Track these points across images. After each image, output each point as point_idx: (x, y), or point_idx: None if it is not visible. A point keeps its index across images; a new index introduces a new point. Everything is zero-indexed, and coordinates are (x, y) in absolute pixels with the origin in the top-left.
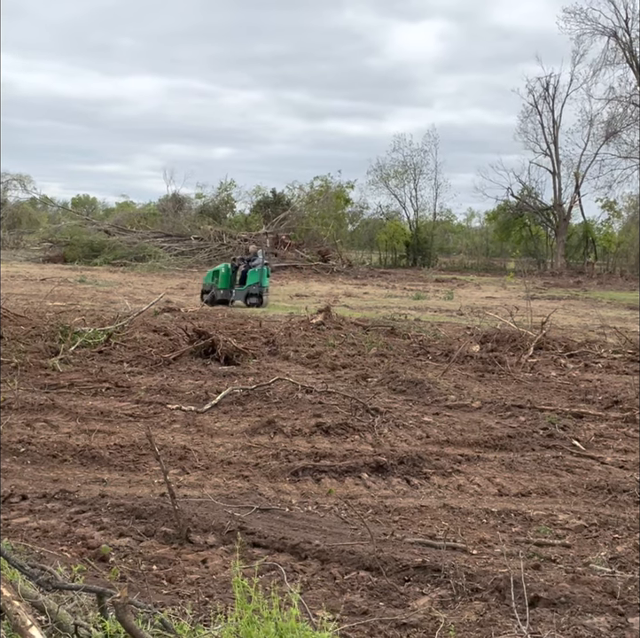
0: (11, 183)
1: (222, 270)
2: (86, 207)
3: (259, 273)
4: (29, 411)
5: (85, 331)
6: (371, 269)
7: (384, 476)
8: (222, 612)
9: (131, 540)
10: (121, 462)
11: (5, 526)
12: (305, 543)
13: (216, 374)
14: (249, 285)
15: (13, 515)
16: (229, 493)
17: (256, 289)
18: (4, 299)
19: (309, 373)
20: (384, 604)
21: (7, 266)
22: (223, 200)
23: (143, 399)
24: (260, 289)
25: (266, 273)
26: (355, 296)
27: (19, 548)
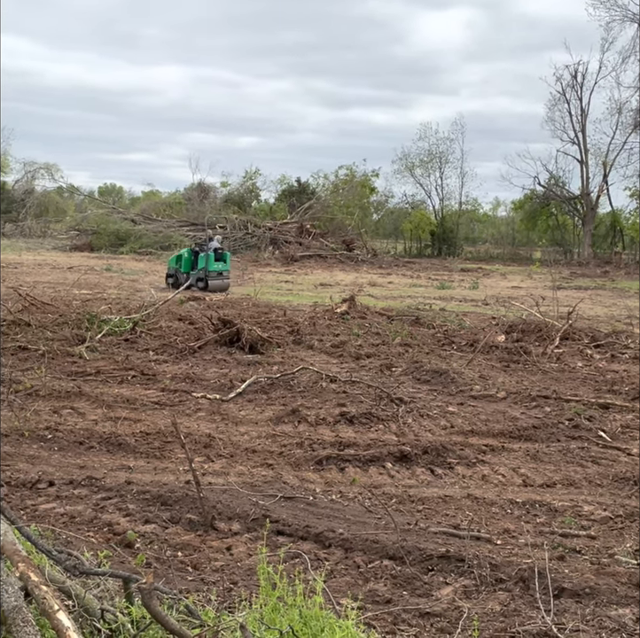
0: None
1: (184, 255)
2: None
3: (204, 258)
4: (56, 398)
5: (111, 320)
6: (396, 259)
7: (408, 465)
8: (247, 599)
9: (157, 526)
10: (147, 450)
11: (33, 512)
12: (329, 532)
13: (241, 363)
14: (198, 270)
15: (41, 500)
16: (253, 481)
17: (202, 273)
18: (32, 287)
19: (334, 362)
20: (407, 593)
21: (34, 254)
22: (248, 189)
23: (168, 387)
24: (206, 273)
25: (212, 258)
26: (379, 285)
27: (46, 533)
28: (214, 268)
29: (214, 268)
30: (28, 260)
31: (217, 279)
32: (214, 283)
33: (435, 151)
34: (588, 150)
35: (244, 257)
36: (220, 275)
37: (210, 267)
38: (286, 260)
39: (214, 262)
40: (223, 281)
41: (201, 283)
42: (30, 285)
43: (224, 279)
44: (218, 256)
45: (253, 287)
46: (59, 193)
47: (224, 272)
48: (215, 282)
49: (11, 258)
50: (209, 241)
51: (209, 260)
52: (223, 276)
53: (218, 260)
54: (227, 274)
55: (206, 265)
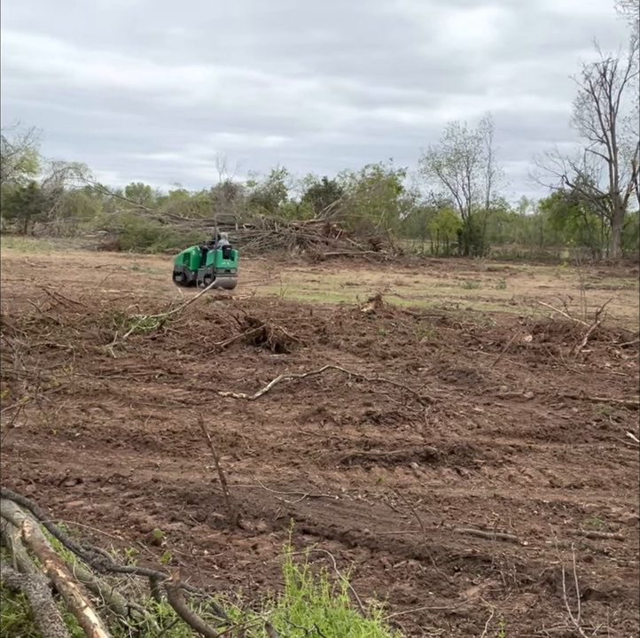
0: (68, 172)
1: (192, 253)
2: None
3: (213, 255)
4: (84, 396)
5: (139, 318)
6: (423, 258)
7: (434, 465)
8: (272, 598)
9: (183, 524)
10: (174, 448)
11: (61, 509)
12: (354, 531)
13: (267, 362)
14: (207, 266)
15: (68, 498)
16: (279, 480)
17: (210, 270)
18: (61, 286)
19: (360, 362)
20: (433, 594)
21: (63, 253)
22: (275, 188)
23: (195, 386)
24: (214, 270)
25: (221, 255)
26: (406, 285)
27: (74, 530)
28: (222, 265)
29: (222, 265)
30: (57, 260)
31: (225, 276)
32: (221, 279)
33: (462, 150)
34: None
35: (270, 256)
36: (227, 272)
37: (218, 264)
38: (313, 259)
39: (222, 259)
40: (231, 278)
41: (209, 279)
42: (59, 284)
43: (232, 276)
44: (226, 253)
45: (280, 286)
46: (88, 193)
47: (232, 269)
48: (223, 279)
49: (40, 257)
50: (217, 239)
51: (218, 258)
52: (231, 274)
53: (226, 258)
54: (234, 271)
55: (215, 262)
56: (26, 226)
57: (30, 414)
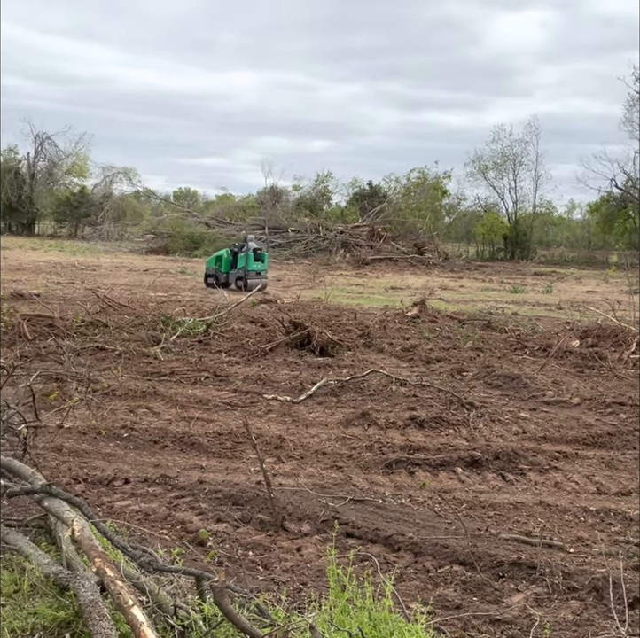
0: (117, 177)
1: (224, 255)
2: (187, 200)
3: (244, 257)
4: (132, 398)
5: (185, 321)
6: (468, 262)
7: (479, 471)
8: (316, 600)
9: (228, 525)
10: (219, 450)
11: (109, 508)
12: (398, 535)
13: (311, 365)
14: (238, 269)
15: (116, 498)
16: (323, 483)
17: (242, 272)
18: (110, 290)
19: (404, 366)
20: (477, 599)
21: (112, 257)
22: (320, 192)
23: (240, 388)
24: (245, 272)
25: (252, 258)
26: (450, 289)
27: (121, 529)
28: (253, 268)
29: (253, 267)
30: (106, 263)
31: (256, 278)
32: (252, 281)
33: (509, 153)
34: None
35: (315, 260)
36: (258, 274)
37: (249, 266)
38: (357, 263)
39: (253, 262)
40: (261, 280)
41: (240, 281)
42: (108, 287)
43: (262, 278)
44: (257, 256)
45: (324, 290)
46: (136, 197)
47: (262, 272)
48: (254, 281)
49: (89, 260)
50: (246, 242)
51: (249, 260)
52: (261, 276)
53: (257, 260)
54: (265, 273)
55: (246, 264)
56: (76, 230)
57: (80, 414)
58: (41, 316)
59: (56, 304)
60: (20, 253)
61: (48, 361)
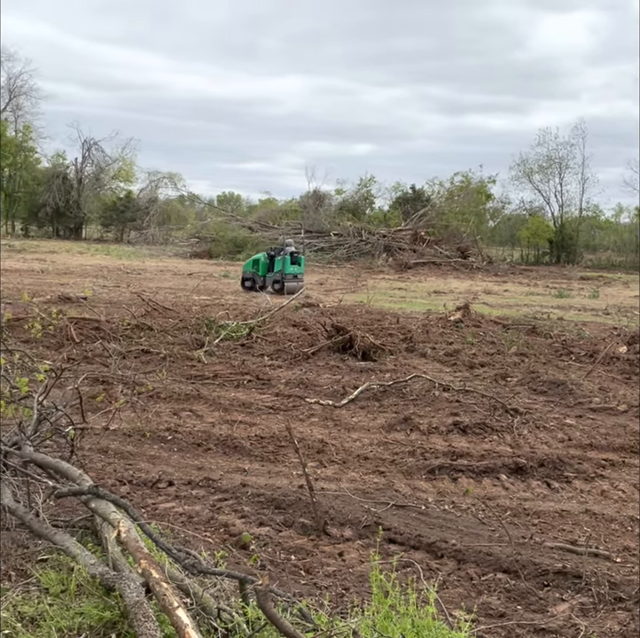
0: (163, 181)
1: (261, 259)
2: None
3: (281, 261)
4: (176, 400)
5: (229, 325)
6: (512, 266)
7: (523, 478)
8: (359, 605)
9: (270, 529)
10: (262, 453)
11: (153, 510)
12: (441, 542)
13: (353, 369)
14: (275, 272)
15: (161, 500)
16: (365, 487)
17: (279, 276)
18: (154, 293)
19: (447, 371)
20: (522, 608)
21: (157, 261)
22: (363, 196)
23: (282, 392)
24: (282, 276)
25: (289, 261)
26: (494, 293)
27: (165, 531)
28: (290, 271)
29: (290, 270)
30: (151, 267)
31: (292, 281)
32: (289, 285)
33: (555, 156)
34: None
35: (357, 264)
36: (295, 277)
37: (287, 270)
38: (400, 267)
39: (290, 265)
40: (298, 283)
41: (277, 285)
42: (153, 291)
43: (299, 281)
44: (294, 259)
45: (367, 294)
46: (181, 201)
47: (299, 275)
48: (291, 284)
49: (135, 264)
50: (284, 246)
51: (286, 264)
52: (298, 279)
53: (294, 264)
54: (301, 276)
55: (283, 268)
56: (122, 234)
57: (125, 417)
58: (88, 320)
59: (102, 307)
60: (68, 257)
61: (94, 364)
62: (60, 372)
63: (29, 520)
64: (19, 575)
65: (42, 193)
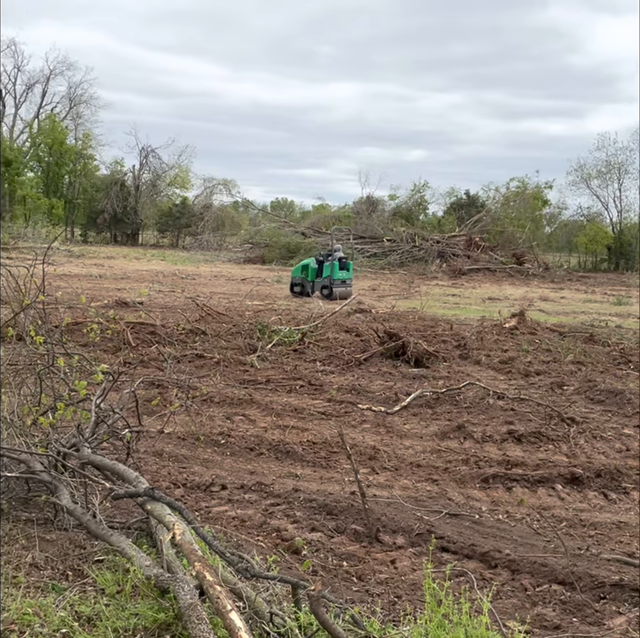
0: (217, 188)
1: (310, 264)
2: (284, 210)
3: (330, 266)
4: (229, 405)
5: (281, 330)
6: (569, 273)
7: (579, 488)
8: (411, 614)
9: (322, 535)
10: (313, 459)
11: (207, 514)
12: (495, 552)
13: (406, 376)
14: (323, 278)
15: (214, 503)
16: (417, 495)
17: (327, 281)
18: (208, 298)
19: (501, 378)
20: (577, 620)
21: (211, 266)
22: (416, 202)
23: (334, 397)
24: (331, 281)
25: (337, 266)
26: (551, 300)
27: (218, 535)
28: (339, 277)
29: (338, 276)
30: (205, 272)
31: (341, 287)
32: (338, 290)
33: (614, 161)
34: None
35: (411, 270)
36: (343, 283)
37: (335, 275)
38: (454, 273)
39: (338, 271)
40: (346, 289)
41: (326, 290)
42: (207, 296)
43: (347, 287)
44: (342, 265)
45: (420, 300)
46: (235, 208)
47: (347, 280)
48: (339, 289)
49: (189, 269)
50: (333, 251)
51: (334, 269)
52: (346, 284)
53: (342, 269)
54: (350, 282)
55: (332, 273)
56: (177, 239)
57: (179, 420)
58: (144, 324)
59: (158, 312)
60: (125, 263)
61: (150, 368)
62: (117, 376)
63: (86, 521)
64: (76, 575)
65: (100, 200)
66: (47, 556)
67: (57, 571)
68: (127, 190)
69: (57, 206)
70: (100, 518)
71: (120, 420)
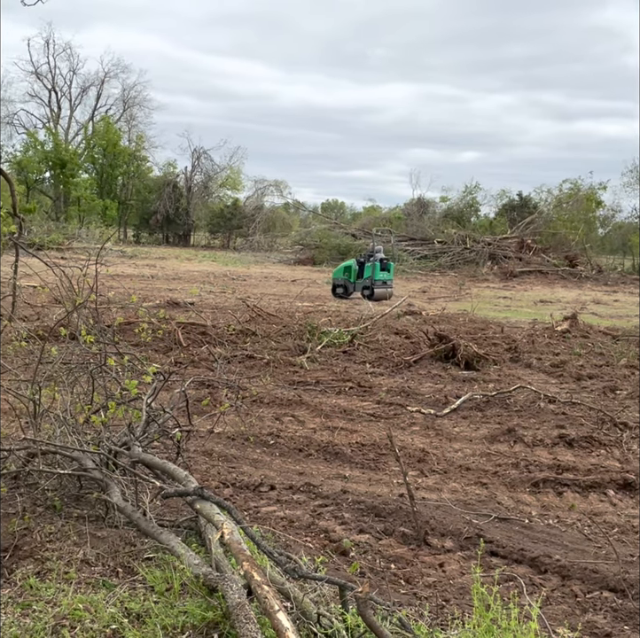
0: (269, 189)
1: (352, 265)
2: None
3: (371, 267)
4: (279, 406)
5: (331, 332)
6: (623, 276)
7: (632, 494)
8: (459, 618)
9: (370, 537)
10: (362, 460)
11: (255, 514)
12: (545, 557)
13: (456, 378)
14: (364, 279)
15: (262, 503)
16: (466, 499)
17: (368, 282)
18: (259, 299)
19: (553, 382)
20: (629, 628)
21: (262, 267)
22: (468, 204)
23: (384, 399)
24: (372, 282)
25: (379, 267)
26: (604, 303)
27: (267, 535)
28: (380, 278)
29: (379, 277)
30: (256, 273)
31: (382, 288)
32: (379, 291)
33: None
34: None
35: (461, 272)
36: (384, 284)
37: (376, 276)
38: (505, 275)
39: (379, 272)
40: (387, 289)
41: (367, 291)
42: (257, 297)
43: (388, 288)
44: (383, 266)
45: (471, 303)
46: (286, 209)
47: (388, 281)
48: (380, 290)
49: (240, 270)
50: (374, 252)
51: (375, 270)
52: (387, 285)
53: (383, 270)
54: (390, 283)
55: (373, 274)
56: (228, 241)
57: (229, 420)
58: (194, 324)
59: (208, 312)
60: (176, 263)
61: (200, 368)
62: (168, 375)
63: (137, 519)
64: (126, 572)
65: (153, 201)
66: (98, 552)
67: (107, 568)
68: (179, 192)
69: (110, 207)
70: (150, 516)
71: (170, 419)
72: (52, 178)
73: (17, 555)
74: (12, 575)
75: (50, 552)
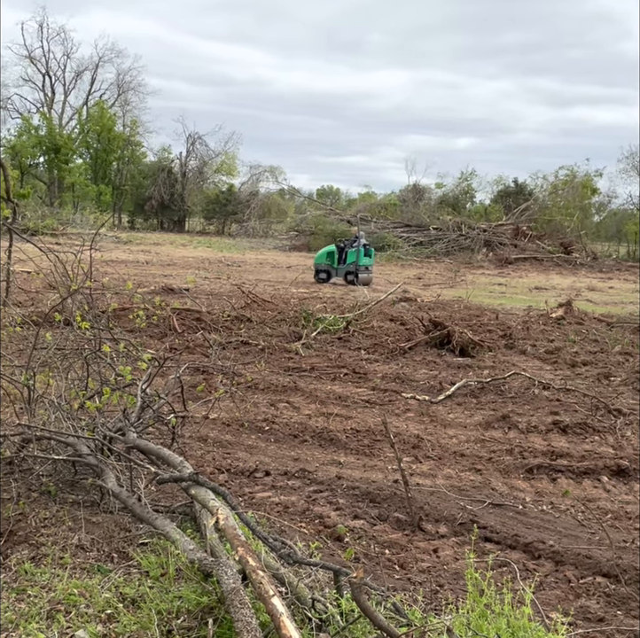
0: (264, 175)
1: (335, 251)
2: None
3: (355, 253)
4: (274, 392)
5: (326, 318)
6: (618, 263)
7: (625, 480)
8: (453, 603)
9: (365, 522)
10: (357, 447)
11: (250, 499)
12: (538, 543)
13: (451, 365)
14: (348, 264)
15: (257, 489)
16: (461, 485)
17: (353, 267)
18: (254, 285)
19: (547, 369)
20: (622, 613)
21: (257, 253)
22: (463, 190)
23: (378, 386)
24: (356, 267)
25: (362, 253)
26: (599, 290)
27: (262, 520)
28: (363, 263)
29: (363, 262)
30: (251, 259)
31: (365, 273)
32: (362, 276)
33: None
34: None
35: (457, 259)
36: (366, 269)
37: (360, 261)
38: (500, 262)
39: (363, 257)
40: (369, 275)
41: (350, 276)
42: (252, 283)
43: (369, 273)
44: (365, 251)
45: (466, 289)
46: (281, 195)
47: (369, 267)
48: (364, 275)
49: (235, 256)
50: (356, 238)
51: (359, 255)
52: (369, 271)
53: (365, 256)
54: (371, 268)
55: (357, 260)
56: (223, 226)
57: (224, 406)
58: (189, 310)
59: (203, 299)
60: (171, 249)
61: (195, 354)
62: (163, 361)
63: (132, 504)
64: (120, 557)
65: (147, 187)
66: (93, 537)
67: (102, 553)
68: (174, 177)
69: (105, 193)
70: (145, 502)
71: (165, 405)
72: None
73: (12, 540)
74: (7, 560)
75: (45, 537)
